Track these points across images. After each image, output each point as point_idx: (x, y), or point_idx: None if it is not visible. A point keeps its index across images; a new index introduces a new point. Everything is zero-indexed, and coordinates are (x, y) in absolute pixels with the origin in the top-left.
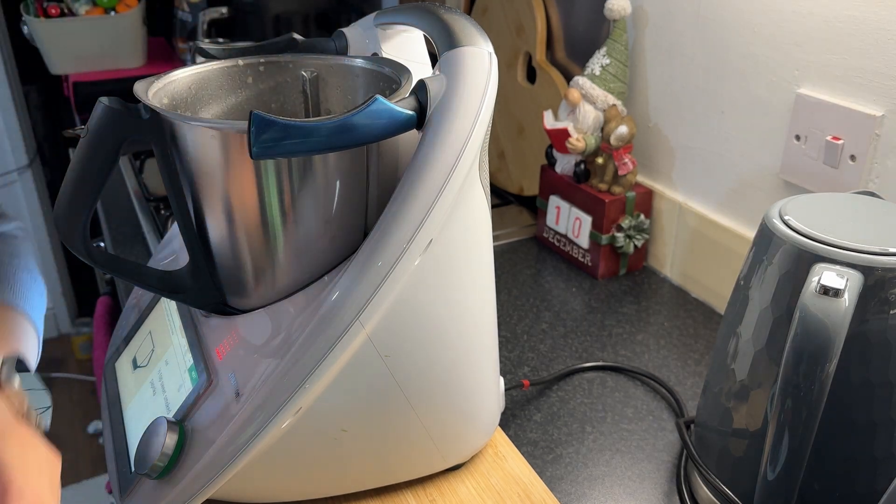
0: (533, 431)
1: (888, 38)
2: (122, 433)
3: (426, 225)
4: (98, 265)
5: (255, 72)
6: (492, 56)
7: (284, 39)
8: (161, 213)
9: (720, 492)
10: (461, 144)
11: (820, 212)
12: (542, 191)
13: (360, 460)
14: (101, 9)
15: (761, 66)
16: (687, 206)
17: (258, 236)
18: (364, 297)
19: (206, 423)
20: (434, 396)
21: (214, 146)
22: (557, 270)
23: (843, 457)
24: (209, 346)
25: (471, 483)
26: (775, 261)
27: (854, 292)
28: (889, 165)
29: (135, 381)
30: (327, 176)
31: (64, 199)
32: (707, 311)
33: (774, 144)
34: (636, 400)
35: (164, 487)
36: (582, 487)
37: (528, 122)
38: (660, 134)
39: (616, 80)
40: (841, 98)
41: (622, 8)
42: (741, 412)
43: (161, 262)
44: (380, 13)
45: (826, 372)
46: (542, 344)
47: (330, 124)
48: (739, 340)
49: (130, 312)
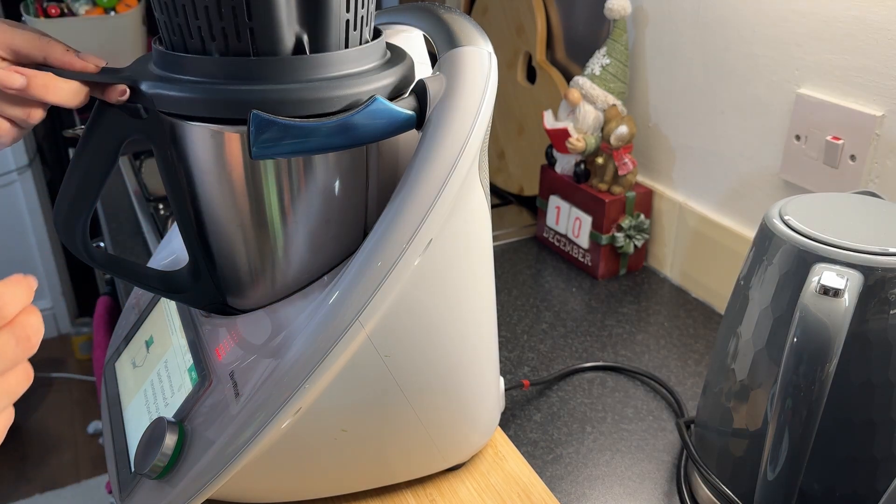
0: (533, 431)
1: (888, 38)
2: (122, 433)
3: (426, 225)
4: (98, 265)
5: None
6: (491, 56)
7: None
8: (161, 213)
9: (720, 492)
10: (461, 144)
11: (820, 212)
12: (542, 191)
13: (360, 460)
14: (101, 9)
15: (761, 66)
16: (687, 206)
17: (258, 236)
18: (364, 297)
19: (206, 423)
20: (434, 396)
21: (214, 146)
22: (557, 270)
23: (843, 457)
24: (209, 346)
25: (471, 483)
26: (775, 261)
27: (854, 292)
28: (889, 165)
29: (135, 381)
30: (327, 176)
31: (63, 199)
32: (707, 311)
33: (774, 144)
34: (636, 400)
35: (164, 487)
36: (582, 487)
37: (528, 122)
38: (660, 134)
39: (616, 80)
40: (841, 98)
41: (622, 8)
42: (741, 412)
43: (161, 262)
44: (380, 13)
45: (826, 372)
46: (542, 344)
47: (330, 124)
48: (739, 340)
49: (130, 312)
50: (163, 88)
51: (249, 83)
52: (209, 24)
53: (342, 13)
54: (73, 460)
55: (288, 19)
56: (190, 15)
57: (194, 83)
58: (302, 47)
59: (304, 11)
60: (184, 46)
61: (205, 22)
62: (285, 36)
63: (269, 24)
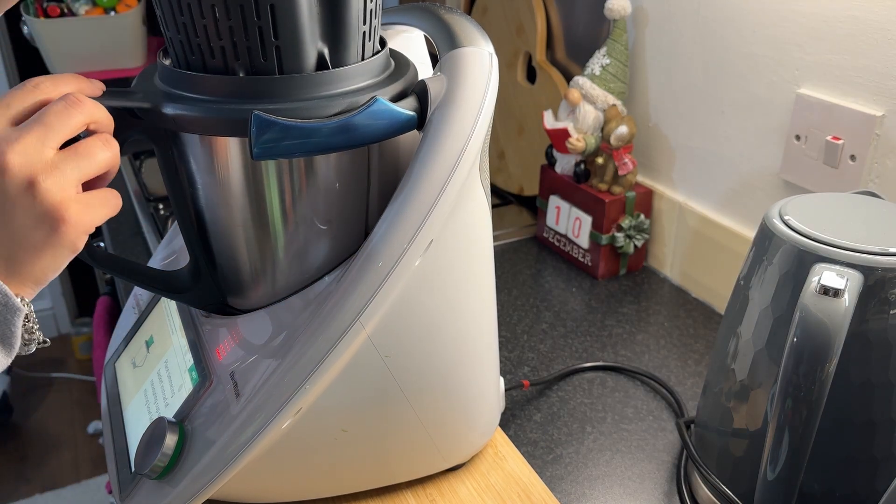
0: (533, 431)
1: (888, 38)
2: (122, 433)
3: (427, 225)
4: (98, 265)
5: None
6: (492, 56)
7: None
8: (161, 213)
9: (720, 492)
10: (462, 145)
11: (820, 212)
12: (542, 191)
13: (360, 460)
14: (101, 9)
15: (761, 66)
16: (687, 206)
17: (258, 236)
18: (364, 297)
19: (206, 423)
20: (434, 396)
21: (216, 146)
22: (557, 270)
23: (843, 457)
24: (209, 346)
25: (471, 483)
26: (775, 261)
27: (854, 292)
28: (889, 165)
29: (135, 381)
30: (328, 176)
31: None
32: (707, 311)
33: (774, 144)
34: (636, 400)
35: (164, 487)
36: (582, 487)
37: (528, 122)
38: (660, 134)
39: (616, 80)
40: (841, 98)
41: (622, 8)
42: (741, 412)
43: (161, 262)
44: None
45: (826, 372)
46: (542, 344)
47: (331, 125)
48: (739, 340)
49: (130, 312)
50: (185, 110)
51: (273, 101)
52: (233, 43)
53: (360, 25)
54: (73, 460)
55: (311, 35)
56: (212, 35)
57: (218, 103)
58: (325, 62)
59: (326, 27)
60: (202, 65)
61: (228, 41)
62: (308, 52)
63: (293, 41)
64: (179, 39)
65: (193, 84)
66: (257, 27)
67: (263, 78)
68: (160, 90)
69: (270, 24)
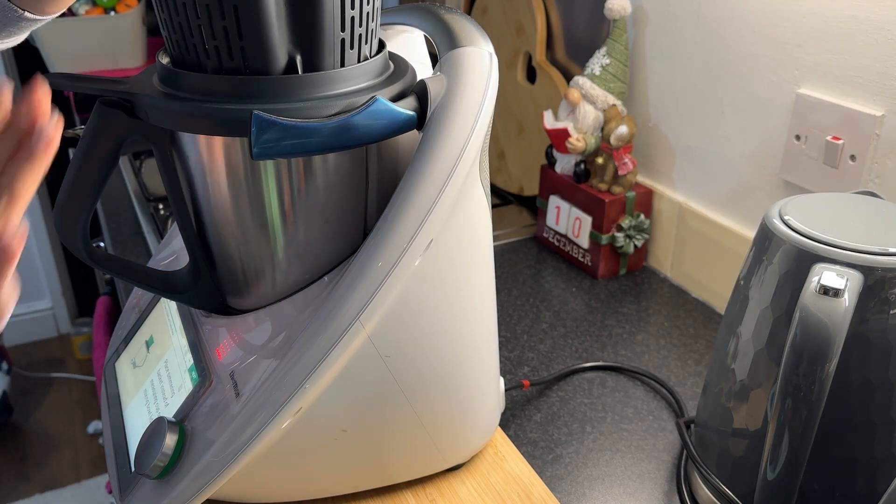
0: (533, 431)
1: (888, 38)
2: (122, 433)
3: (426, 225)
4: (98, 265)
5: None
6: (492, 56)
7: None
8: (161, 213)
9: (720, 492)
10: (461, 145)
11: (820, 212)
12: (542, 191)
13: (360, 460)
14: (101, 9)
15: (761, 66)
16: (687, 206)
17: (258, 236)
18: (364, 297)
19: (206, 423)
20: (434, 396)
21: (214, 146)
22: (557, 270)
23: (843, 457)
24: (209, 346)
25: (471, 483)
26: (775, 261)
27: (854, 292)
28: (889, 165)
29: (135, 381)
30: (327, 176)
31: (63, 199)
32: (707, 311)
33: (774, 144)
34: (636, 400)
35: (164, 487)
36: (582, 487)
37: (528, 122)
38: (660, 134)
39: (616, 80)
40: (841, 98)
41: (622, 8)
42: (741, 412)
43: (161, 262)
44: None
45: (826, 372)
46: (542, 344)
47: (330, 125)
48: (739, 340)
49: (130, 312)
50: (157, 103)
51: (243, 102)
52: (203, 41)
53: (336, 33)
54: (73, 460)
55: (280, 39)
56: (186, 32)
57: (216, 103)
58: (294, 66)
59: (297, 31)
60: (183, 62)
61: (199, 40)
62: (278, 55)
63: (260, 43)
64: (167, 35)
65: (171, 80)
66: (223, 27)
67: (263, 78)
68: (149, 84)
69: (235, 25)
